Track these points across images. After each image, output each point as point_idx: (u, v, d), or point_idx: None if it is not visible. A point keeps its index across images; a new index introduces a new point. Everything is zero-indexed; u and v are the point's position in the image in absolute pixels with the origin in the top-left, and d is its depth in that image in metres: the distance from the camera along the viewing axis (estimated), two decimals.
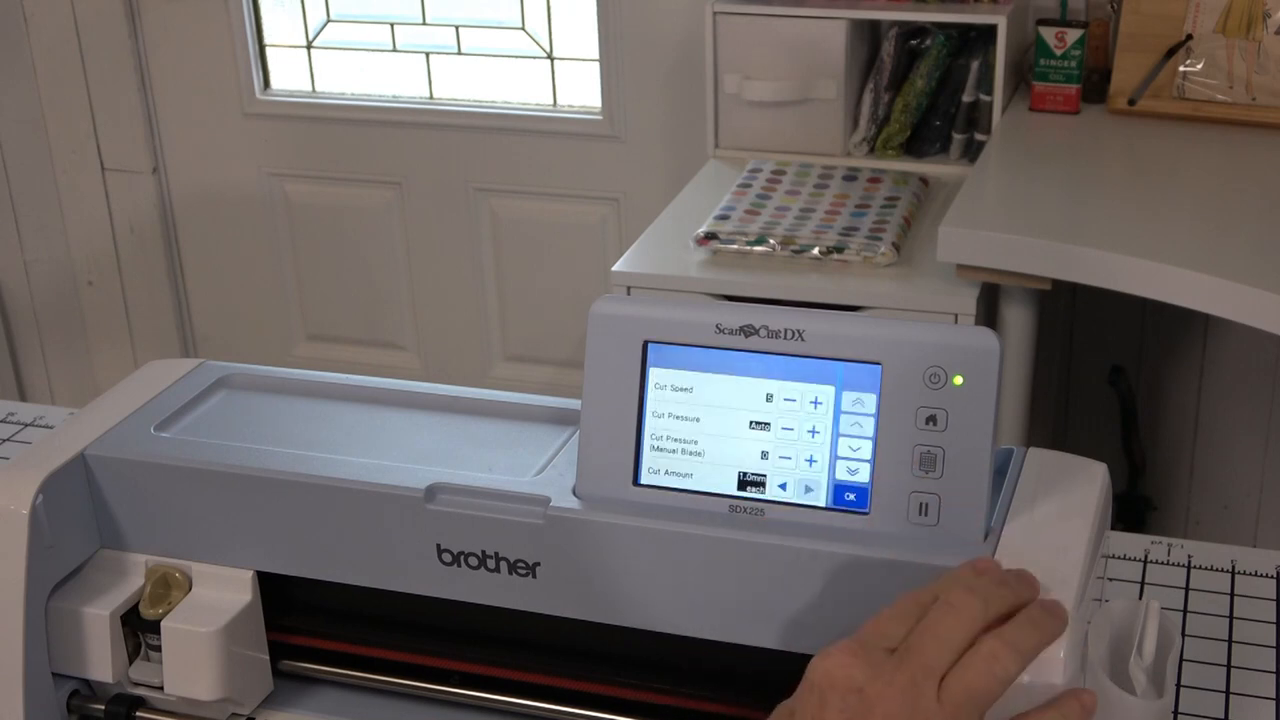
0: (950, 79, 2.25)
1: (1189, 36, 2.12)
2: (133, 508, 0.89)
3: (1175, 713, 0.91)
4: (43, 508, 0.86)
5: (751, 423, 0.80)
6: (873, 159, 2.26)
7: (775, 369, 0.79)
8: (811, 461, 0.79)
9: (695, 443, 0.80)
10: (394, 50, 2.77)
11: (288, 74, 2.84)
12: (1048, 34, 2.18)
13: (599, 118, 2.64)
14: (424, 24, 2.74)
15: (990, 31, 2.18)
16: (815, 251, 1.92)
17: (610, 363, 0.81)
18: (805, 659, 0.78)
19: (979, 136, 2.22)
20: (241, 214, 2.92)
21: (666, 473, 0.81)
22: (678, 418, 0.80)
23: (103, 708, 0.91)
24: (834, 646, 0.66)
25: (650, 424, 0.81)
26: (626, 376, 0.81)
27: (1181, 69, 2.13)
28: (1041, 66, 2.20)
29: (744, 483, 0.80)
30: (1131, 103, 2.16)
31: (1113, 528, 0.89)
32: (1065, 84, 2.20)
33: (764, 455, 0.79)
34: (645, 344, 0.81)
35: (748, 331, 0.79)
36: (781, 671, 0.82)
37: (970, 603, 0.67)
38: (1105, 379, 2.38)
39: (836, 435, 0.78)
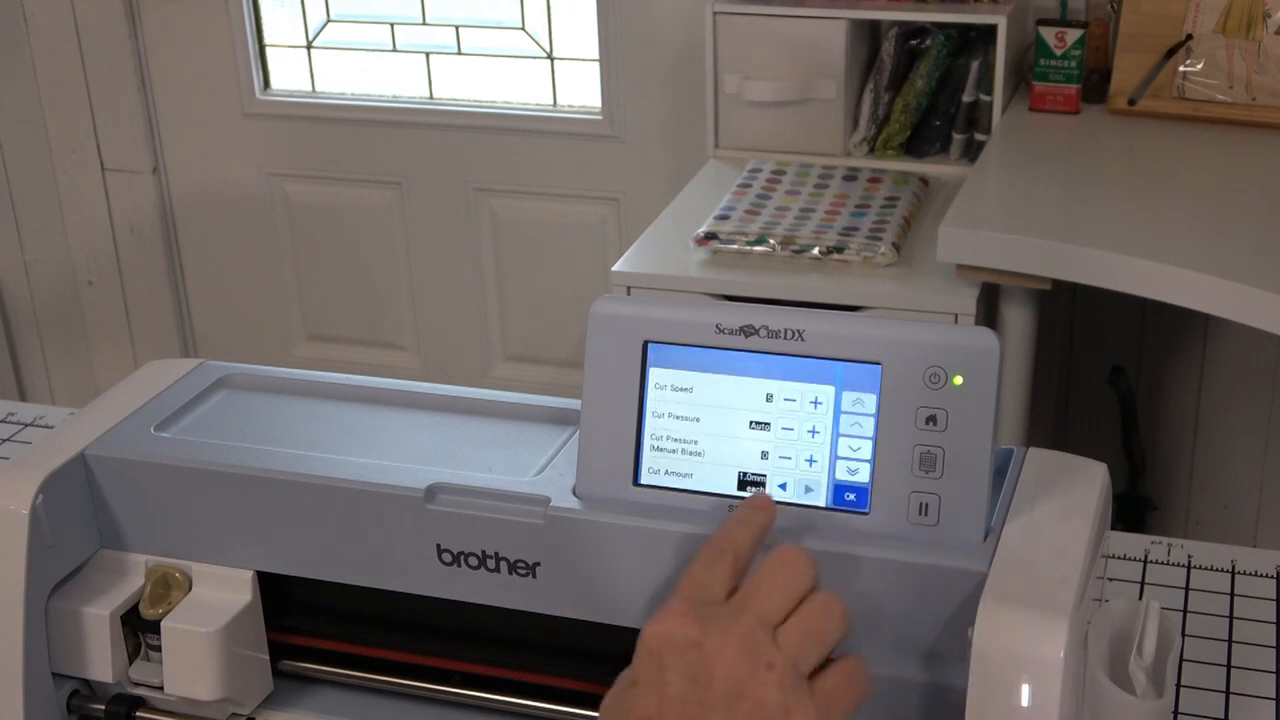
0: (950, 79, 2.25)
1: (1189, 36, 2.12)
2: (133, 508, 0.89)
3: (1175, 713, 0.91)
4: (43, 508, 0.86)
5: (751, 423, 0.80)
6: (873, 159, 2.26)
7: (775, 369, 0.79)
8: (811, 461, 0.79)
9: (695, 443, 0.80)
10: (394, 50, 2.77)
11: (288, 74, 2.84)
12: (1048, 34, 2.18)
13: (599, 118, 2.64)
14: (424, 24, 2.74)
15: (990, 31, 2.18)
16: (815, 251, 1.92)
17: (610, 363, 0.81)
18: None
19: (979, 136, 2.22)
20: (241, 214, 2.92)
21: (666, 473, 0.81)
22: (678, 418, 0.81)
23: (103, 708, 0.91)
24: (662, 609, 0.66)
25: (650, 424, 0.81)
26: (626, 376, 0.81)
27: (1181, 69, 2.13)
28: (1041, 66, 2.20)
29: (744, 483, 0.80)
30: (1131, 103, 2.16)
31: (1113, 528, 0.89)
32: (1065, 84, 2.20)
33: (764, 455, 0.79)
34: (645, 344, 0.81)
35: (748, 331, 0.79)
36: None
37: (801, 558, 0.68)
38: (1105, 379, 2.38)
39: (836, 435, 0.78)
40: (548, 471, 0.85)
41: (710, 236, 1.95)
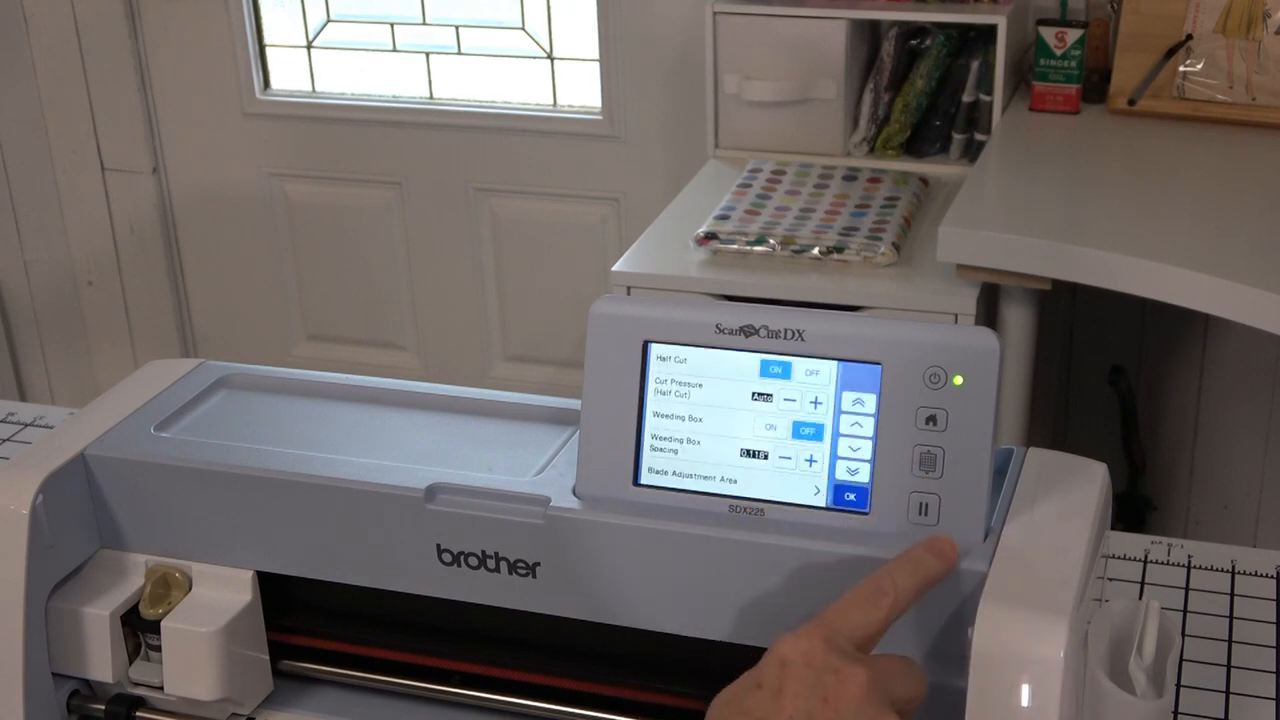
0: (950, 79, 2.25)
1: (1189, 36, 2.12)
2: (133, 508, 0.89)
3: (1175, 713, 0.91)
4: (43, 508, 0.86)
5: (751, 423, 0.80)
6: (873, 159, 2.26)
7: (775, 369, 0.79)
8: (811, 461, 0.79)
9: (695, 443, 0.80)
10: (394, 50, 2.77)
11: (288, 74, 2.84)
12: (1048, 34, 2.18)
13: (599, 118, 2.64)
14: (424, 24, 2.74)
15: (990, 31, 2.18)
16: (815, 251, 1.92)
17: (610, 363, 0.81)
18: None
19: (979, 136, 2.22)
20: (241, 214, 2.92)
21: (666, 473, 0.81)
22: (678, 418, 0.81)
23: (103, 708, 0.91)
24: (806, 629, 0.68)
25: (650, 424, 0.81)
26: (626, 376, 0.81)
27: (1181, 69, 2.13)
28: (1041, 66, 2.20)
29: (744, 482, 0.80)
30: (1131, 103, 2.16)
31: (1113, 528, 0.89)
32: (1065, 84, 2.20)
33: (764, 455, 0.79)
34: (645, 344, 0.81)
35: (748, 331, 0.79)
36: None
37: (921, 674, 0.70)
38: (1105, 379, 2.38)
39: (836, 435, 0.78)
40: (548, 471, 0.85)
41: (710, 236, 1.95)
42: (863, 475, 0.78)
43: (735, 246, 1.94)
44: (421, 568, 0.84)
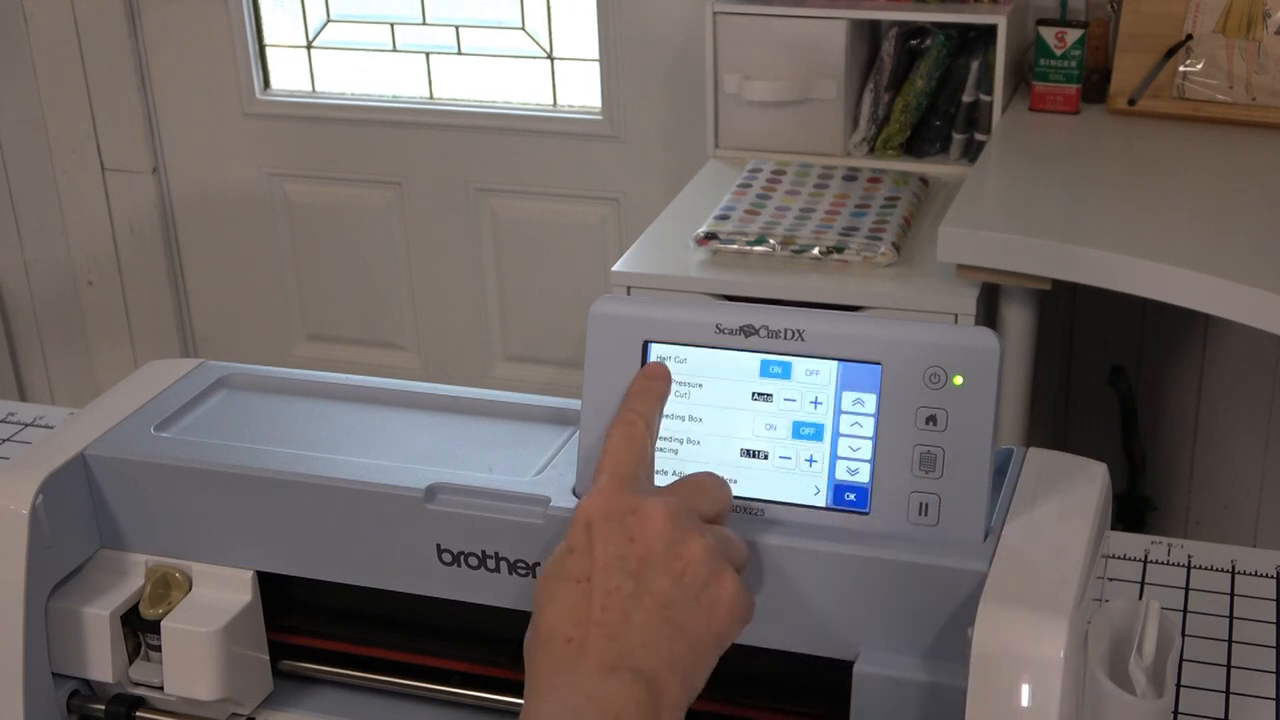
0: (950, 79, 2.25)
1: (1189, 36, 2.12)
2: (133, 508, 0.89)
3: (1175, 713, 0.91)
4: (43, 508, 0.86)
5: (751, 423, 0.79)
6: (873, 159, 2.26)
7: (775, 369, 0.79)
8: (811, 461, 0.79)
9: (696, 443, 0.80)
10: (394, 50, 2.77)
11: (288, 74, 2.84)
12: (1048, 34, 2.18)
13: (599, 118, 2.64)
14: (424, 24, 2.74)
15: (990, 31, 2.18)
16: (815, 251, 1.92)
17: (610, 363, 0.81)
18: (806, 659, 0.78)
19: (979, 136, 2.22)
20: (241, 214, 2.92)
21: (666, 473, 0.81)
22: (678, 418, 0.80)
23: (103, 708, 0.91)
24: (593, 487, 0.71)
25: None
26: (626, 376, 0.81)
27: (1181, 69, 2.13)
28: (1041, 66, 2.20)
29: (744, 482, 0.80)
30: (1131, 103, 2.16)
31: (1113, 528, 0.89)
32: (1065, 84, 2.20)
33: (764, 455, 0.79)
34: (645, 344, 0.81)
35: (748, 331, 0.79)
36: (781, 672, 0.83)
37: (721, 485, 0.75)
38: (1105, 379, 2.38)
39: (836, 435, 0.78)
40: (548, 471, 0.85)
41: (710, 236, 1.95)
42: (863, 475, 0.78)
43: (735, 246, 1.94)
44: (421, 568, 0.84)
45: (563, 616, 0.68)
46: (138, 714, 0.91)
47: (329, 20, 2.80)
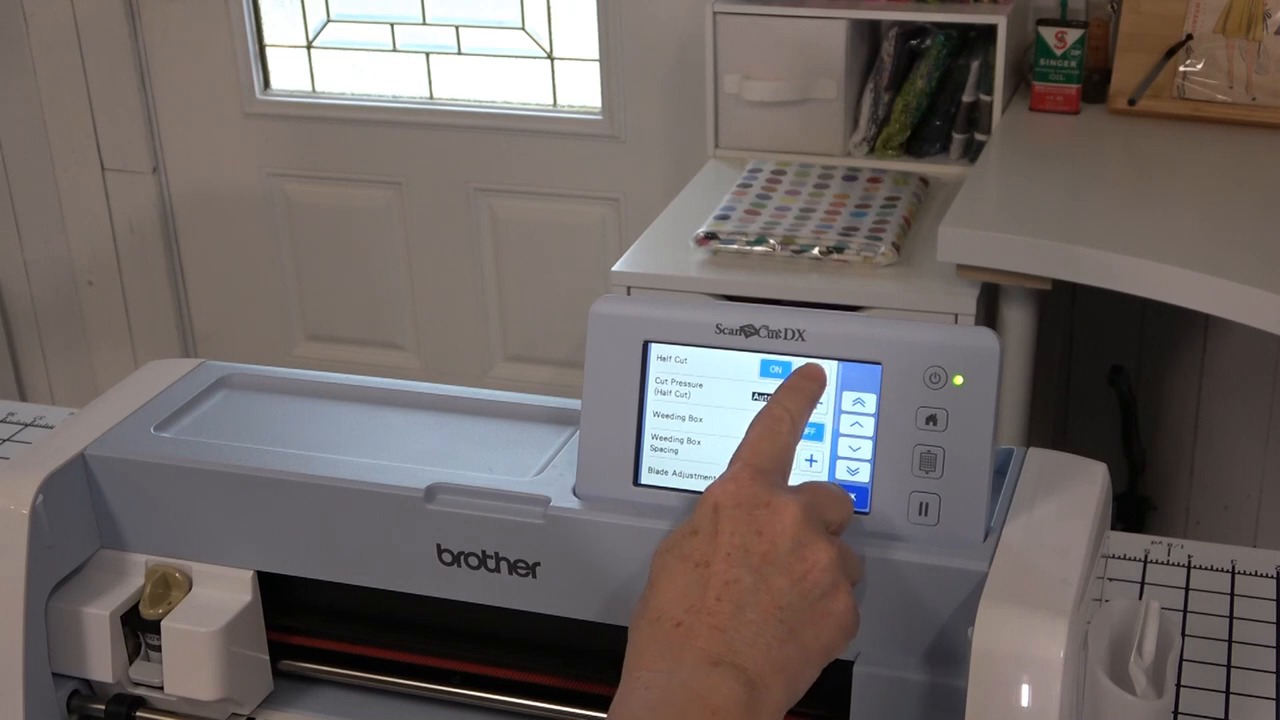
0: (950, 79, 2.25)
1: (1189, 36, 2.12)
2: (133, 508, 0.89)
3: (1175, 713, 0.91)
4: (43, 508, 0.86)
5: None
6: (873, 159, 2.26)
7: (775, 369, 0.79)
8: (811, 461, 0.79)
9: (696, 443, 0.80)
10: (394, 50, 2.77)
11: (288, 74, 2.84)
12: (1048, 34, 2.18)
13: (599, 118, 2.64)
14: (424, 24, 2.74)
15: (990, 31, 2.18)
16: (815, 251, 1.92)
17: (610, 363, 0.81)
18: None
19: (979, 136, 2.22)
20: (241, 214, 2.92)
21: (666, 473, 0.81)
22: (678, 417, 0.80)
23: (103, 708, 0.91)
24: (728, 472, 0.70)
25: (650, 424, 0.81)
26: (626, 376, 0.81)
27: (1181, 69, 2.13)
28: (1041, 66, 2.20)
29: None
30: (1131, 103, 2.16)
31: (1113, 528, 0.89)
32: (1065, 84, 2.20)
33: None
34: (645, 344, 0.81)
35: (748, 331, 0.79)
36: None
37: (846, 496, 0.74)
38: (1105, 379, 2.38)
39: (836, 435, 0.78)
40: (548, 471, 0.85)
41: (710, 236, 1.95)
42: (863, 475, 0.78)
43: (735, 246, 1.94)
44: (421, 568, 0.84)
45: (675, 599, 0.67)
46: (138, 714, 0.91)
47: (329, 20, 2.80)
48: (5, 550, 0.85)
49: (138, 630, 0.90)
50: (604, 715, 0.87)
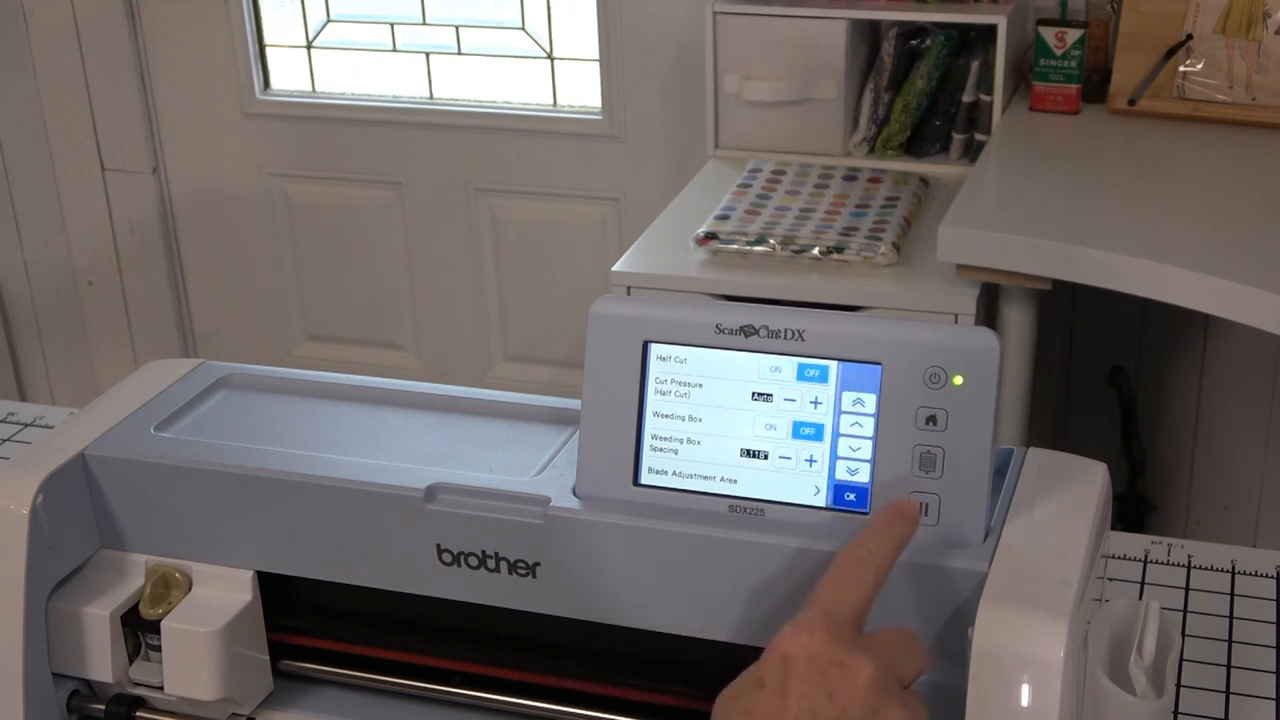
0: (950, 79, 2.25)
1: (1189, 36, 2.12)
2: (133, 508, 0.89)
3: (1175, 713, 0.91)
4: (43, 508, 0.86)
5: (751, 423, 0.80)
6: (873, 159, 2.26)
7: (775, 369, 0.79)
8: (811, 461, 0.79)
9: (696, 443, 0.80)
10: (394, 50, 2.77)
11: (288, 74, 2.84)
12: (1048, 34, 2.18)
13: (599, 118, 2.64)
14: (424, 24, 2.74)
15: (990, 31, 2.18)
16: (815, 251, 1.92)
17: (610, 363, 0.81)
18: None
19: (979, 136, 2.22)
20: (241, 214, 2.92)
21: (666, 473, 0.81)
22: (678, 418, 0.80)
23: (103, 708, 0.91)
24: (802, 620, 0.65)
25: (650, 424, 0.81)
26: (626, 376, 0.81)
27: (1181, 69, 2.13)
28: (1041, 66, 2.20)
29: (744, 482, 0.80)
30: (1131, 103, 2.16)
31: (1113, 528, 0.89)
32: (1065, 84, 2.20)
33: (764, 455, 0.79)
34: (645, 344, 0.81)
35: (748, 331, 0.79)
36: None
37: (921, 644, 0.69)
38: (1105, 379, 2.38)
39: (836, 435, 0.78)
40: (548, 471, 0.85)
41: (710, 236, 1.95)
42: (863, 475, 0.78)
43: (735, 246, 1.94)
44: (421, 568, 0.84)
45: None
46: (138, 714, 0.91)
47: (329, 20, 2.80)
48: (5, 550, 0.85)
49: (138, 630, 0.90)
50: (605, 715, 0.88)
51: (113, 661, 0.89)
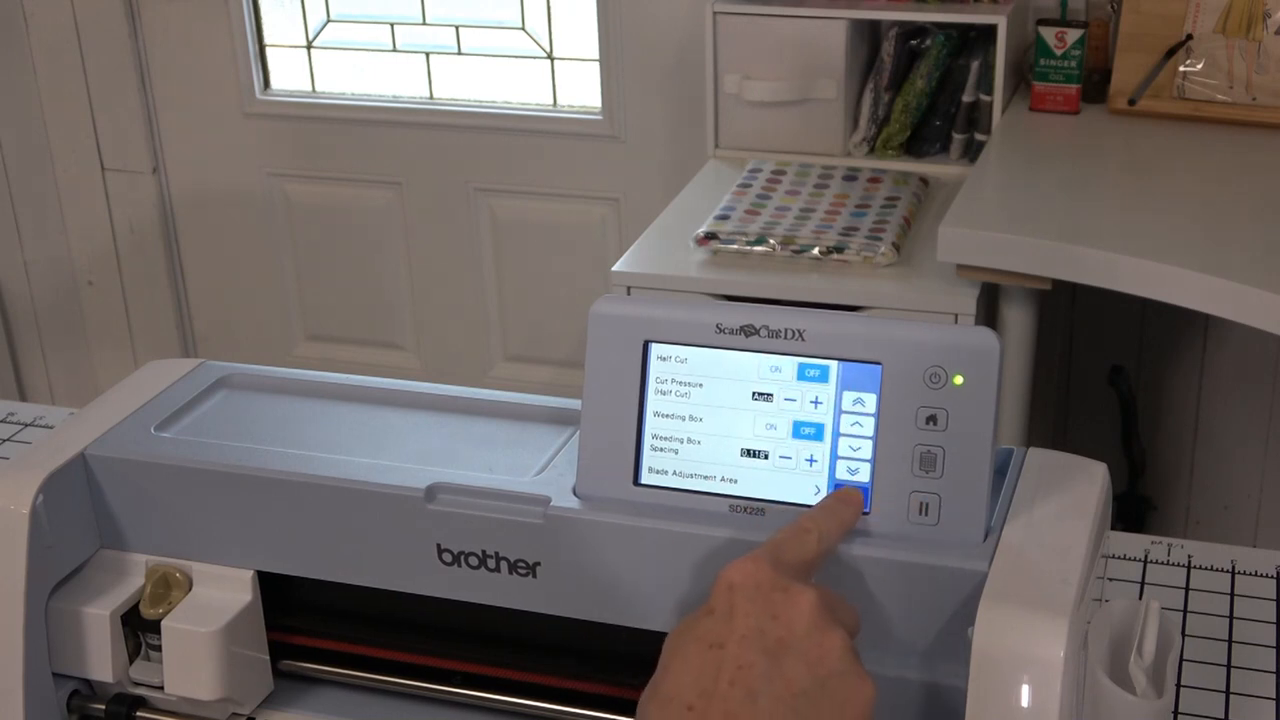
0: (950, 79, 2.25)
1: (1189, 36, 2.12)
2: (133, 508, 0.89)
3: (1175, 713, 0.91)
4: (43, 508, 0.86)
5: (751, 423, 0.80)
6: (873, 159, 2.26)
7: (775, 369, 0.79)
8: (811, 461, 0.79)
9: (696, 443, 0.80)
10: (394, 50, 2.77)
11: (288, 74, 2.84)
12: (1048, 34, 2.18)
13: (599, 118, 2.64)
14: (424, 24, 2.74)
15: (990, 31, 2.18)
16: (815, 251, 1.92)
17: (610, 363, 0.81)
18: None
19: (979, 136, 2.22)
20: (241, 214, 2.92)
21: (666, 473, 0.81)
22: (678, 417, 0.80)
23: (103, 708, 0.91)
24: (746, 556, 0.69)
25: (650, 424, 0.81)
26: (626, 376, 0.81)
27: (1181, 69, 2.13)
28: (1041, 66, 2.20)
29: (744, 482, 0.80)
30: (1131, 103, 2.16)
31: (1113, 528, 0.89)
32: (1065, 84, 2.20)
33: (764, 455, 0.79)
34: (645, 344, 0.81)
35: (748, 331, 0.79)
36: None
37: (852, 608, 0.71)
38: (1105, 379, 2.38)
39: (837, 435, 0.78)
40: (548, 471, 0.85)
41: (710, 236, 1.95)
42: (863, 475, 0.78)
43: (735, 246, 1.94)
44: (421, 568, 0.84)
45: (688, 682, 0.65)
46: (138, 714, 0.91)
47: (329, 20, 2.80)
48: (5, 550, 0.85)
49: (138, 630, 0.90)
50: (605, 715, 0.88)
51: (113, 661, 0.89)
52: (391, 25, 2.76)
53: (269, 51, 2.83)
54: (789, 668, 0.65)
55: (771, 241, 1.93)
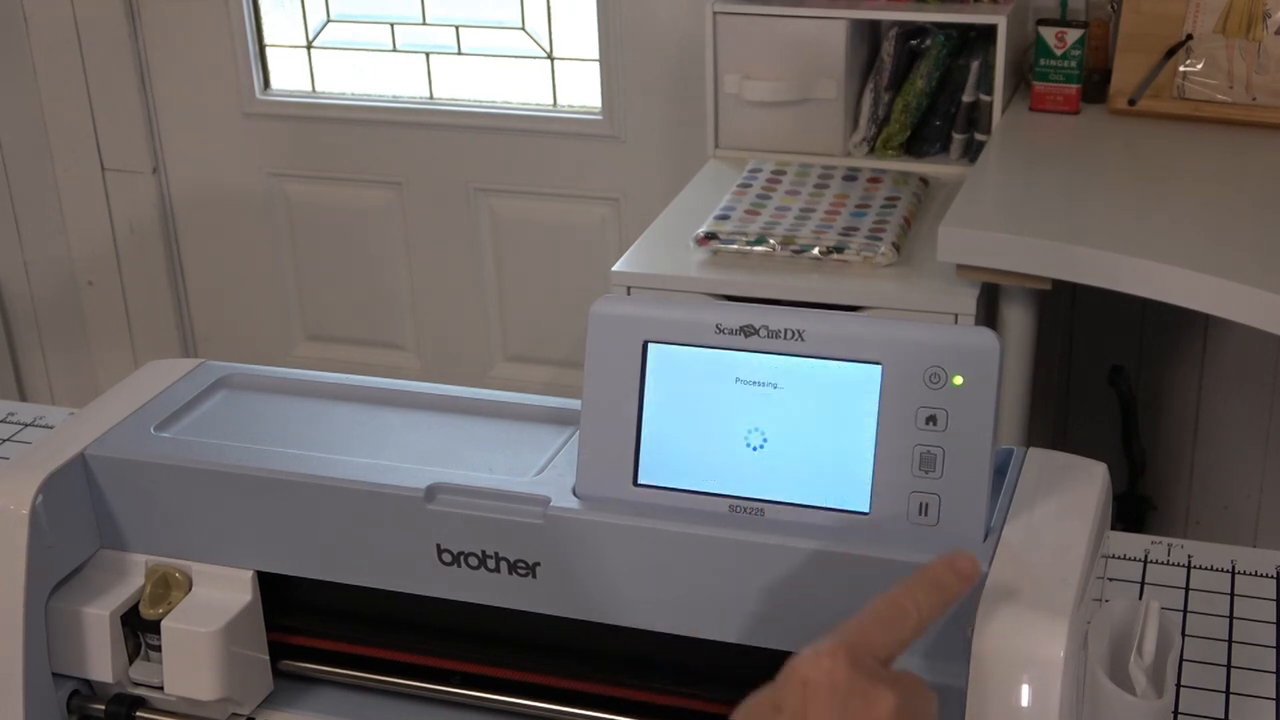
0: (950, 79, 2.25)
1: (1189, 36, 2.12)
2: (133, 508, 0.89)
3: (1175, 713, 0.91)
4: (43, 508, 0.86)
5: (751, 423, 0.79)
6: (873, 159, 2.26)
7: (775, 369, 0.79)
8: (811, 462, 0.79)
9: (695, 443, 0.80)
10: (394, 50, 2.77)
11: (288, 74, 2.84)
12: (1048, 34, 2.18)
13: (599, 118, 2.64)
14: (424, 24, 2.74)
15: (990, 31, 2.18)
16: (815, 251, 1.92)
17: (610, 363, 0.81)
18: None
19: (979, 136, 2.22)
20: (241, 214, 2.92)
21: (667, 472, 0.81)
22: (678, 417, 0.80)
23: (103, 708, 0.91)
24: (824, 645, 0.64)
25: (650, 424, 0.81)
26: (626, 376, 0.81)
27: (1181, 69, 2.13)
28: (1041, 66, 2.20)
29: (744, 482, 0.80)
30: (1131, 103, 2.16)
31: (1113, 528, 0.89)
32: (1065, 84, 2.20)
33: (764, 455, 0.79)
34: (645, 344, 0.81)
35: (748, 331, 0.79)
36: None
37: (932, 695, 0.66)
38: (1105, 379, 2.38)
39: (837, 435, 0.78)
40: (548, 471, 0.85)
41: (710, 236, 1.95)
42: (863, 475, 0.78)
43: (735, 246, 1.94)
44: (421, 568, 0.84)
45: None
46: (138, 714, 0.91)
47: (329, 20, 2.80)
48: (5, 550, 0.85)
49: (138, 630, 0.90)
50: (605, 715, 0.88)
51: (113, 661, 0.89)
52: (391, 25, 2.76)
53: (269, 51, 2.83)
54: None
55: (771, 241, 1.93)
